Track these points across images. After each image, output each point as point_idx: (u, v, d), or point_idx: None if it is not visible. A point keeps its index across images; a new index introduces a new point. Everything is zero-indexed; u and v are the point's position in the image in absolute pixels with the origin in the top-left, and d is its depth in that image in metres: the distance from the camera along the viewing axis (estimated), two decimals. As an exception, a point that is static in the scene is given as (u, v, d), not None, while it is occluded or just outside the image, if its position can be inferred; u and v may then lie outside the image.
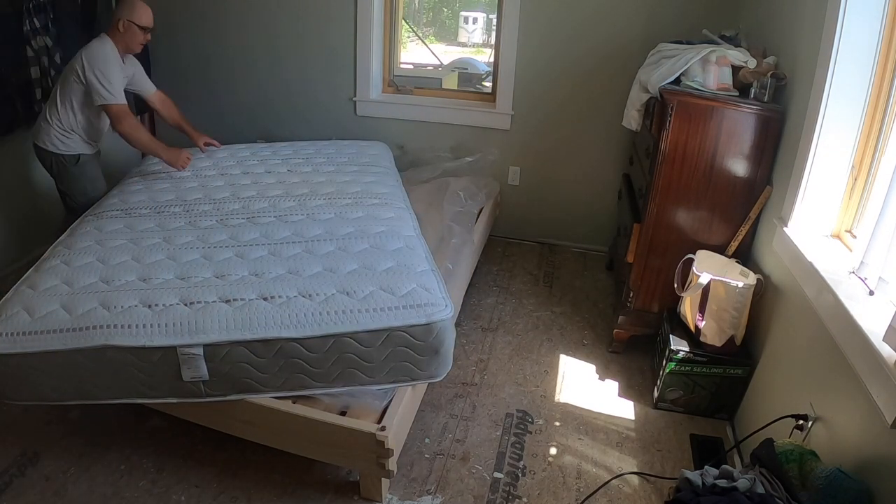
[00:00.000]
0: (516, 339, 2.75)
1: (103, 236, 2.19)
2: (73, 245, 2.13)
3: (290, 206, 2.43)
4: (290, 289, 1.83)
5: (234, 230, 2.23)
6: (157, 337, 1.67)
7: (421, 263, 2.01)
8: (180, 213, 2.38)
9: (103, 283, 1.87)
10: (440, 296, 1.84)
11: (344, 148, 3.19)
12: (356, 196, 2.53)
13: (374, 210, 2.40)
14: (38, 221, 3.14)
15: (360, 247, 2.10)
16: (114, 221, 2.31)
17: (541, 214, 3.66)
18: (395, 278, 1.89)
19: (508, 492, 1.93)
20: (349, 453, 1.77)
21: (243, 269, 1.95)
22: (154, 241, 2.15)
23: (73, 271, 1.94)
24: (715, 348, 2.18)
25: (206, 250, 2.09)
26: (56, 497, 1.82)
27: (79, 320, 1.70)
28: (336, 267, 1.96)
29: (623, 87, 2.93)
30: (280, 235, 2.20)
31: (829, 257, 1.78)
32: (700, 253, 2.27)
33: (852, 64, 1.78)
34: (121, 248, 2.09)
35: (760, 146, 2.20)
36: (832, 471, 1.32)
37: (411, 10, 4.61)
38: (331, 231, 2.21)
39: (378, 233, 2.19)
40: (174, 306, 1.75)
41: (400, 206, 2.50)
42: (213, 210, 2.40)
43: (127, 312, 1.73)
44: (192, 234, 2.20)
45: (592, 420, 2.26)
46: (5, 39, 2.68)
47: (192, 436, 2.04)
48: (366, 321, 1.73)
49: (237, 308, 1.75)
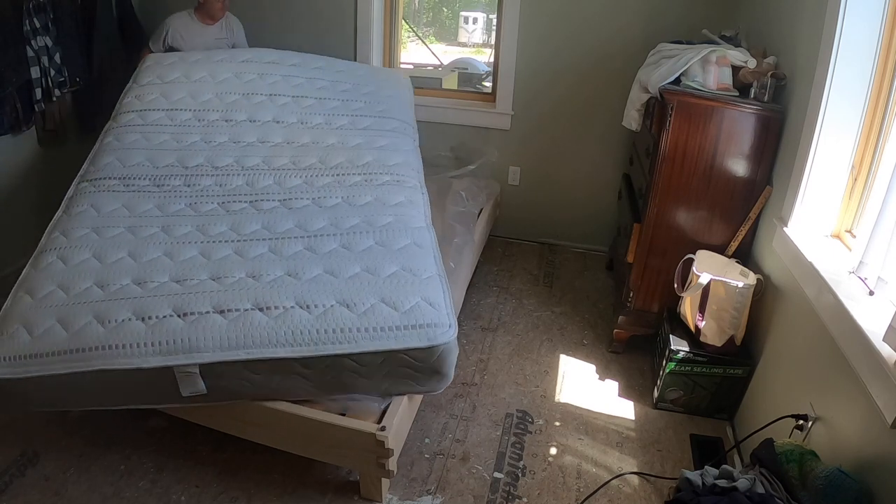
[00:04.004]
0: (516, 339, 2.75)
1: (101, 220, 2.12)
2: (70, 232, 2.06)
3: (296, 186, 2.31)
4: (287, 297, 1.75)
5: (236, 218, 2.15)
6: (151, 358, 1.64)
7: (428, 266, 1.93)
8: (181, 189, 2.27)
9: (98, 289, 1.83)
10: (444, 313, 1.75)
11: (361, 84, 2.90)
12: (366, 170, 2.39)
13: (384, 193, 2.28)
14: (39, 221, 3.13)
15: (364, 244, 2.02)
16: (111, 198, 2.22)
17: (541, 214, 3.66)
18: (399, 288, 1.80)
19: (508, 492, 1.93)
20: (349, 453, 1.77)
21: (241, 271, 1.88)
22: (153, 230, 2.08)
23: (69, 272, 1.89)
24: (715, 348, 2.18)
25: (204, 245, 2.02)
26: (56, 497, 1.82)
27: (75, 340, 1.67)
28: (337, 270, 1.89)
29: (623, 87, 2.93)
30: (282, 227, 2.11)
31: (829, 257, 1.78)
32: (700, 253, 2.27)
33: (852, 64, 1.78)
34: (118, 240, 2.03)
35: (760, 146, 2.20)
36: (832, 471, 1.32)
37: (411, 10, 4.62)
38: (336, 222, 2.12)
39: (385, 225, 2.11)
40: (168, 318, 1.70)
41: (412, 183, 2.37)
42: (214, 185, 2.29)
43: (121, 328, 1.68)
44: (192, 224, 2.11)
45: (592, 420, 2.26)
46: (5, 39, 2.68)
47: (192, 436, 2.04)
48: (365, 342, 1.66)
49: (231, 321, 1.69)
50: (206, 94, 2.69)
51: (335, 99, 2.77)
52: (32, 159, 3.05)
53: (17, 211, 3.02)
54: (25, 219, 3.07)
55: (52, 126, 3.06)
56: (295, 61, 2.93)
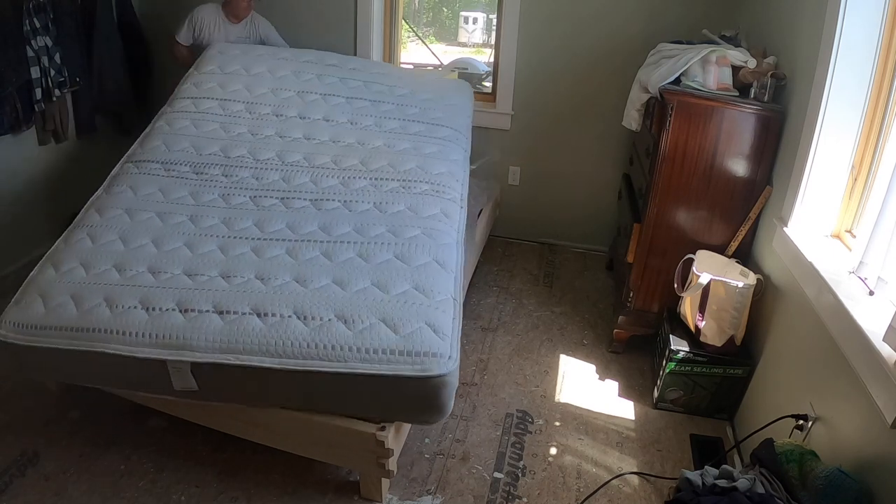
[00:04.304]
0: (516, 339, 2.75)
1: (136, 202, 2.21)
2: (105, 211, 2.17)
3: (330, 186, 2.29)
4: (287, 306, 1.73)
5: (263, 215, 2.15)
6: (146, 348, 1.67)
7: (444, 288, 1.84)
8: (218, 178, 2.33)
9: (116, 272, 1.91)
10: (448, 342, 1.65)
11: (419, 90, 2.89)
12: (406, 176, 2.34)
13: (419, 202, 2.22)
14: (39, 221, 3.14)
15: (383, 256, 1.96)
16: (150, 182, 2.31)
17: (541, 214, 3.66)
18: (405, 309, 1.73)
19: (508, 492, 1.93)
20: (349, 453, 1.77)
21: (251, 271, 1.89)
22: (180, 218, 2.14)
23: (94, 251, 1.99)
24: (715, 348, 2.18)
25: (225, 240, 2.04)
26: (56, 497, 1.82)
27: (83, 319, 1.74)
28: (347, 281, 1.84)
29: (623, 88, 2.93)
30: (305, 230, 2.09)
31: (829, 257, 1.78)
32: (700, 253, 2.27)
33: (852, 64, 1.79)
34: (146, 225, 2.11)
35: (760, 146, 2.20)
36: (832, 471, 1.32)
37: (411, 10, 4.62)
38: (360, 229, 2.08)
39: (410, 238, 2.04)
40: (170, 312, 1.73)
41: (451, 195, 2.29)
42: (251, 178, 2.32)
43: (125, 315, 1.73)
44: (220, 216, 2.15)
45: (592, 420, 2.26)
46: (5, 39, 2.68)
47: (192, 436, 2.04)
48: (355, 363, 1.60)
49: (228, 323, 1.69)
50: (262, 89, 2.75)
51: (390, 102, 2.77)
52: (32, 159, 3.05)
53: (17, 211, 3.02)
54: (25, 219, 3.08)
55: (52, 126, 3.06)
56: (354, 65, 3.01)
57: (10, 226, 3.00)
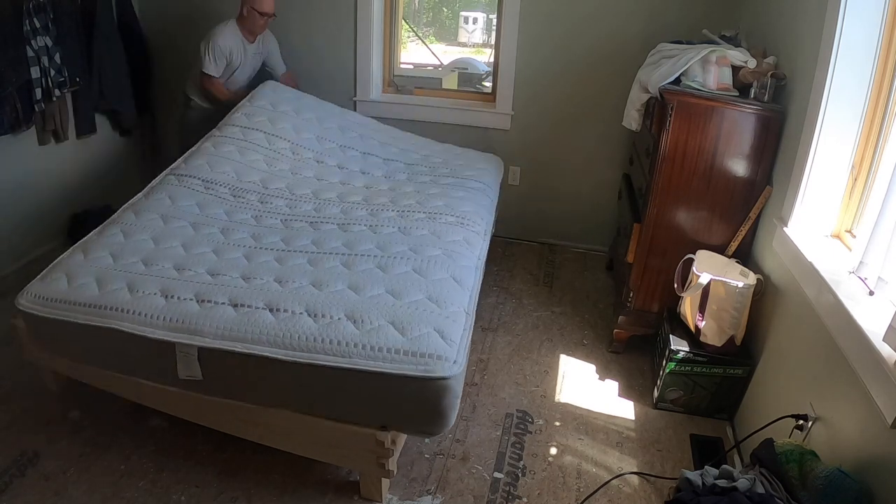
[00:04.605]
0: (516, 339, 2.75)
1: (172, 210, 2.33)
2: (141, 213, 2.29)
3: (359, 216, 2.40)
4: (300, 303, 1.78)
5: (291, 233, 2.26)
6: (158, 330, 1.73)
7: (458, 301, 1.86)
8: (253, 203, 2.47)
9: (142, 265, 2.00)
10: (455, 348, 1.65)
11: (451, 159, 3.09)
12: (433, 211, 2.43)
13: (443, 229, 2.29)
14: (40, 221, 3.14)
15: (401, 269, 2.00)
16: (189, 195, 2.44)
17: (541, 214, 3.66)
18: (415, 315, 1.75)
19: (508, 492, 1.93)
20: (349, 453, 1.77)
21: (271, 275, 1.95)
22: (212, 230, 2.25)
23: (125, 245, 2.10)
24: (715, 348, 2.18)
25: (251, 251, 2.13)
26: (56, 497, 1.82)
27: (103, 298, 1.83)
28: (361, 287, 1.88)
29: (623, 88, 2.93)
30: (329, 245, 2.16)
31: (829, 257, 1.78)
32: (700, 253, 2.27)
33: (852, 64, 1.79)
34: (179, 231, 2.21)
35: (760, 146, 2.20)
36: (832, 471, 1.32)
37: (411, 10, 4.62)
38: (382, 246, 2.14)
39: (430, 256, 2.07)
40: (187, 301, 1.81)
41: (475, 228, 2.37)
42: (285, 206, 2.46)
43: (144, 299, 1.82)
44: (249, 231, 2.25)
45: (592, 420, 2.26)
46: (5, 39, 2.68)
47: (192, 436, 2.04)
48: (359, 359, 1.61)
49: (241, 315, 1.75)
50: (308, 133, 2.99)
51: (423, 166, 3.00)
52: (32, 159, 3.05)
53: (17, 210, 3.02)
54: (25, 218, 3.08)
55: (52, 126, 3.06)
56: (395, 135, 3.26)
57: (11, 226, 3.00)
